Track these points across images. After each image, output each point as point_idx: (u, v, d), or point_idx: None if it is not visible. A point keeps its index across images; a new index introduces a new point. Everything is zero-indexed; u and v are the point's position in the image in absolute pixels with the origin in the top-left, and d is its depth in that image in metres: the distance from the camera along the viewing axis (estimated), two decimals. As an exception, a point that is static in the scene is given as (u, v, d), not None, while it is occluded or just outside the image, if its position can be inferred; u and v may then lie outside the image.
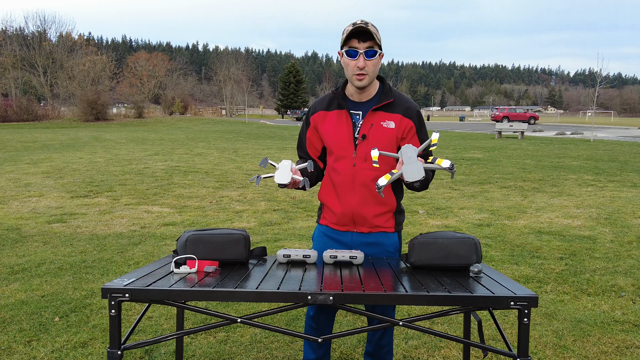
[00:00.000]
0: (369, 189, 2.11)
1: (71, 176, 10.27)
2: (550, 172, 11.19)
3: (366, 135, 2.09)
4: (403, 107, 2.12)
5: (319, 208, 2.31)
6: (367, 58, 1.99)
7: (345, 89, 2.17)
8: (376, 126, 2.09)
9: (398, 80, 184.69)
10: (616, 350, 2.93)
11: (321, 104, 2.20)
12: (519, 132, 24.04)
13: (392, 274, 1.93)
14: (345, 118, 2.12)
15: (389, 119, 2.09)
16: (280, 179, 1.90)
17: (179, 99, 57.18)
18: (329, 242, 2.23)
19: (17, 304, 3.58)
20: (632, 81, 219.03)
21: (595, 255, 4.84)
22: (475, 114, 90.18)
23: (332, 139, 2.14)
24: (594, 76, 25.56)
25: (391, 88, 2.15)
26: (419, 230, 5.84)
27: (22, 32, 52.96)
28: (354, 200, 2.13)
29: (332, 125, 2.14)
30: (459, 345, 2.96)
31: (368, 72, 2.01)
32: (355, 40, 1.98)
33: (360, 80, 2.03)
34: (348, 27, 1.99)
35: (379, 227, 2.17)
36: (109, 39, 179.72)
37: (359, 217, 2.14)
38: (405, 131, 2.11)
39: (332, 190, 2.18)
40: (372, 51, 1.99)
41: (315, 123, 2.20)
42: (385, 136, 2.08)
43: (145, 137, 24.00)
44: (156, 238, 5.46)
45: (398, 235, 2.25)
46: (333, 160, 2.16)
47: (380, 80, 2.17)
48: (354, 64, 2.00)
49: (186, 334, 1.88)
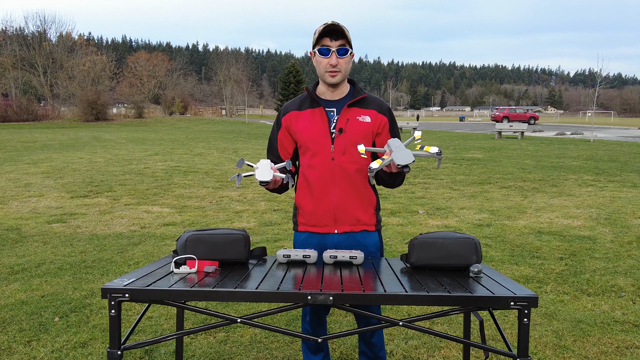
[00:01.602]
0: (350, 182, 2.12)
1: (71, 176, 10.27)
2: (550, 172, 11.19)
3: (343, 129, 2.10)
4: (376, 104, 2.18)
5: (293, 215, 2.28)
6: (340, 56, 2.05)
7: (317, 89, 2.20)
8: (352, 120, 2.12)
9: (398, 80, 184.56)
10: (616, 350, 2.93)
11: (293, 105, 2.22)
12: (519, 132, 24.04)
13: (392, 274, 1.93)
14: (320, 114, 2.14)
15: (364, 113, 2.14)
16: (262, 177, 1.89)
17: (179, 99, 57.19)
18: (313, 248, 2.20)
19: (17, 304, 3.58)
20: (632, 81, 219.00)
21: (595, 255, 4.84)
22: (475, 114, 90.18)
23: (308, 135, 2.14)
24: (594, 76, 25.57)
25: (362, 88, 2.21)
26: (419, 230, 5.84)
27: (22, 32, 52.95)
28: (334, 196, 2.12)
29: (307, 122, 2.15)
30: (459, 345, 2.96)
31: (340, 69, 2.07)
32: (328, 38, 2.03)
33: (333, 76, 2.07)
34: (319, 27, 2.04)
35: (360, 224, 2.16)
36: (109, 39, 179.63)
37: (341, 212, 2.13)
38: (381, 127, 2.15)
39: (308, 190, 2.17)
40: (344, 49, 2.05)
41: (287, 124, 2.20)
42: (362, 130, 2.12)
43: (145, 137, 24.00)
44: (156, 238, 5.46)
45: (378, 234, 2.25)
46: (309, 157, 2.15)
47: (351, 82, 2.22)
48: (326, 61, 2.05)
49: (186, 334, 1.88)
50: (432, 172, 11.17)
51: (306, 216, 2.19)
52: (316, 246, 2.19)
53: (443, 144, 20.10)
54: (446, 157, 14.48)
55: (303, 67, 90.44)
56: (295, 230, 2.26)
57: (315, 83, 2.22)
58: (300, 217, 2.22)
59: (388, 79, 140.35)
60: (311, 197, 2.16)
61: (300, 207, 2.22)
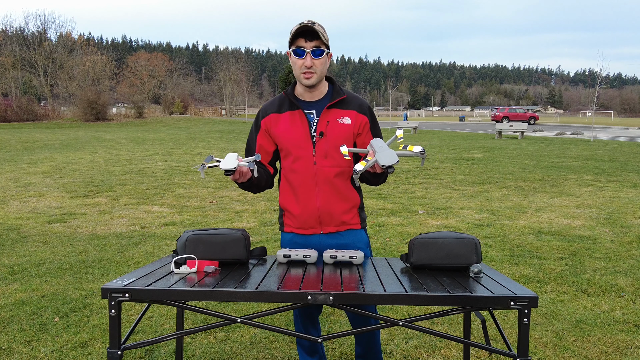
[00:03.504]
0: (332, 185, 2.11)
1: (71, 176, 10.27)
2: (550, 172, 11.19)
3: (324, 132, 2.09)
4: (356, 104, 2.15)
5: (279, 216, 2.28)
6: (314, 57, 2.02)
7: (295, 90, 2.18)
8: (332, 123, 2.10)
9: (398, 80, 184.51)
10: (616, 350, 2.93)
11: (272, 107, 2.18)
12: (519, 132, 24.04)
13: (392, 274, 1.93)
14: (300, 117, 2.12)
15: (344, 115, 2.12)
16: (225, 165, 1.87)
17: (179, 99, 57.18)
18: (298, 248, 2.20)
19: (17, 304, 3.58)
20: (632, 81, 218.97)
21: (595, 255, 4.84)
22: (475, 114, 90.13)
23: (288, 140, 2.11)
24: (594, 76, 25.56)
25: (341, 87, 2.18)
26: (419, 230, 5.84)
27: (22, 32, 52.98)
28: (317, 199, 2.12)
29: (287, 126, 2.12)
30: (459, 345, 2.96)
31: (316, 70, 2.04)
32: (302, 39, 2.01)
33: (307, 78, 2.05)
34: (294, 28, 2.01)
35: (345, 224, 2.16)
36: (109, 39, 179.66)
37: (325, 215, 2.13)
38: (361, 127, 2.13)
39: (292, 194, 2.16)
40: (319, 50, 2.02)
41: (266, 126, 2.17)
42: (342, 132, 2.10)
43: (145, 137, 24.00)
44: (156, 238, 5.46)
45: (365, 231, 2.25)
46: (291, 161, 2.14)
47: (330, 81, 2.20)
48: (301, 62, 2.03)
49: (186, 334, 1.88)
50: (432, 172, 11.17)
51: (292, 219, 2.19)
52: (302, 246, 2.20)
53: (443, 144, 20.09)
54: (446, 157, 14.48)
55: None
56: (282, 231, 2.27)
57: (293, 83, 2.19)
58: (286, 219, 2.23)
59: (388, 79, 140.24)
60: (296, 200, 2.16)
61: (285, 209, 2.22)
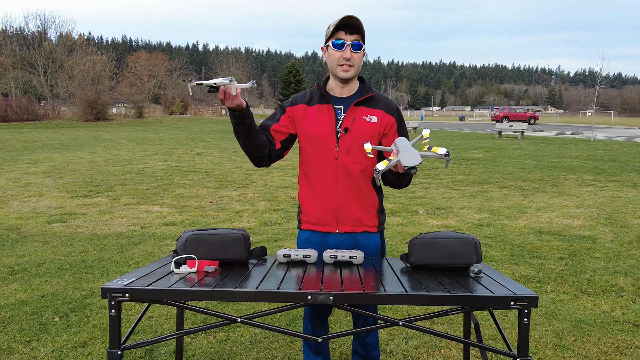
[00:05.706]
0: (352, 182, 2.10)
1: (71, 176, 10.27)
2: (550, 172, 11.19)
3: (349, 128, 2.08)
4: (384, 104, 2.13)
5: (298, 213, 2.28)
6: (354, 50, 2.01)
7: (327, 84, 2.17)
8: (359, 120, 2.09)
9: (398, 80, 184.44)
10: (616, 350, 2.93)
11: (303, 98, 2.18)
12: (519, 132, 24.03)
13: (392, 274, 1.93)
14: (328, 111, 2.11)
15: (371, 113, 2.10)
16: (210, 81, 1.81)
17: (179, 98, 57.14)
18: (314, 247, 2.19)
19: (17, 303, 3.58)
20: (632, 81, 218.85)
21: (595, 255, 4.84)
22: (475, 114, 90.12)
23: (313, 132, 2.10)
24: (594, 76, 25.57)
25: (371, 87, 2.17)
26: (419, 230, 5.84)
27: (22, 32, 52.92)
28: (336, 196, 2.10)
29: (314, 118, 2.11)
30: (459, 345, 2.96)
31: (354, 63, 2.03)
32: (343, 32, 2.00)
33: (345, 71, 2.03)
34: (335, 21, 2.01)
35: (362, 225, 2.15)
36: (109, 39, 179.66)
37: (343, 212, 2.11)
38: (388, 127, 2.11)
39: (310, 189, 2.15)
40: (359, 44, 2.02)
41: (294, 114, 2.15)
42: (367, 130, 2.08)
43: (145, 137, 24.00)
44: (156, 238, 5.46)
45: (380, 235, 2.24)
46: (312, 154, 2.12)
47: (361, 80, 2.18)
48: (339, 55, 2.02)
49: (186, 333, 1.88)
50: (432, 172, 11.16)
51: (308, 214, 2.18)
52: (318, 245, 2.18)
53: (443, 144, 20.09)
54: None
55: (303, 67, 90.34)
56: (299, 228, 2.25)
57: (326, 79, 2.18)
58: (303, 215, 2.21)
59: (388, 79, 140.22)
60: (313, 196, 2.14)
61: (302, 205, 2.21)
